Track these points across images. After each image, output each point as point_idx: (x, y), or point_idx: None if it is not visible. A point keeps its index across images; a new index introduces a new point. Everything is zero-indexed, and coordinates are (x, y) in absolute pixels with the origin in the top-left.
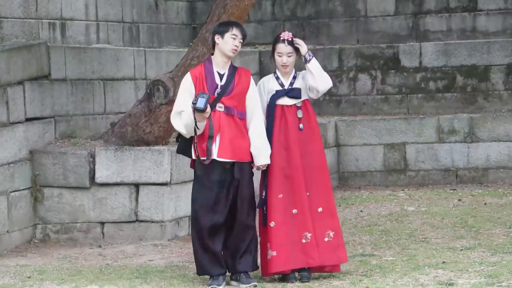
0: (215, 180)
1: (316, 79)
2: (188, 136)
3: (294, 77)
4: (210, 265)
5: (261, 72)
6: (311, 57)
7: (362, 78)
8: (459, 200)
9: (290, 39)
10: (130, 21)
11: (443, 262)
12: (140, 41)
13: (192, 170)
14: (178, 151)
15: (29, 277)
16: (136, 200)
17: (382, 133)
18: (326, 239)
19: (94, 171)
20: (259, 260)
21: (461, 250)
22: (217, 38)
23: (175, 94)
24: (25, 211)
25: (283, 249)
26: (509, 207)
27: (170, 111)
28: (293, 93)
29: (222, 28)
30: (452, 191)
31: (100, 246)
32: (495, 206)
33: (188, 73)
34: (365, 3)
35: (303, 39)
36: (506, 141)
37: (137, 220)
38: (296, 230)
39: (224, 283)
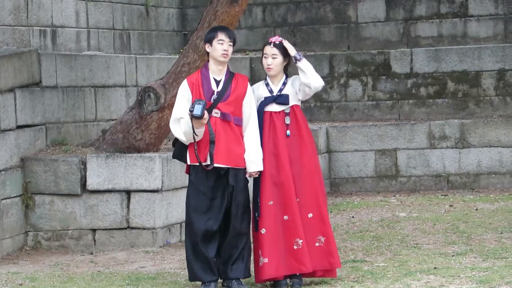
0: (210, 186)
1: (308, 76)
2: (187, 143)
3: (284, 83)
4: (202, 271)
5: (252, 79)
6: (301, 56)
7: (353, 84)
8: (451, 205)
9: (277, 42)
10: (121, 28)
11: (435, 267)
12: (131, 48)
13: (185, 177)
14: (174, 156)
15: (20, 285)
16: (128, 207)
17: (373, 139)
18: (317, 244)
19: (85, 178)
20: (252, 267)
21: (453, 255)
22: (207, 47)
23: (166, 101)
24: (16, 219)
25: (275, 256)
26: (501, 212)
27: (161, 117)
28: (281, 99)
29: (210, 35)
30: (443, 196)
31: (91, 253)
32: (486, 212)
33: (185, 79)
34: (356, 9)
35: (294, 45)
36: (497, 146)
37: (128, 227)
38: (288, 236)
39: None
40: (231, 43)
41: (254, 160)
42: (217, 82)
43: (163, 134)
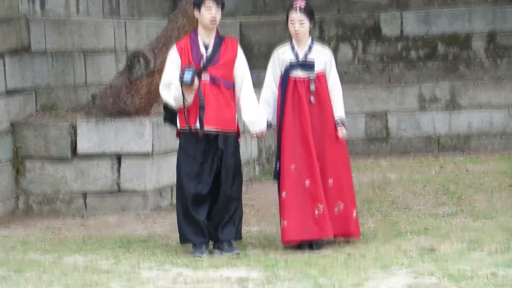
0: (200, 150)
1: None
2: (177, 108)
3: (310, 47)
4: (193, 234)
5: (242, 43)
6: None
7: (343, 48)
8: (441, 167)
9: (302, 6)
10: None
11: (425, 228)
12: (120, 13)
13: (175, 141)
14: (164, 120)
15: (12, 248)
16: (118, 171)
17: (363, 102)
18: (336, 210)
19: (76, 142)
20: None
21: (443, 216)
22: (196, 12)
23: (155, 66)
24: (7, 183)
25: (294, 219)
26: (491, 174)
27: (151, 82)
28: (306, 65)
29: (197, 0)
30: (434, 158)
31: (82, 217)
32: (477, 173)
33: (174, 45)
34: None
35: (283, 9)
36: (487, 108)
37: (119, 191)
38: (309, 201)
39: (207, 251)
40: (219, 9)
41: (254, 120)
42: (206, 46)
43: (153, 98)
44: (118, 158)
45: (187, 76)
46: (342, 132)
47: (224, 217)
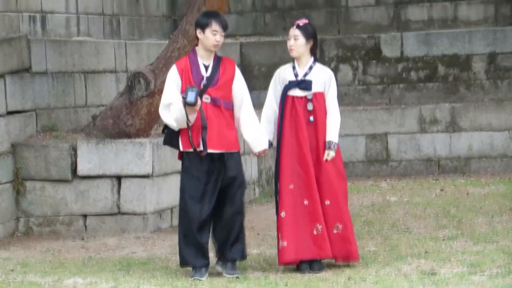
0: (204, 170)
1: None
2: (177, 129)
3: (311, 68)
4: (194, 256)
5: (242, 64)
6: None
7: (344, 69)
8: (442, 190)
9: (301, 24)
10: (110, 14)
11: (426, 252)
12: (120, 34)
13: (175, 162)
14: (164, 143)
15: (12, 270)
16: (118, 192)
17: (364, 123)
18: (334, 231)
19: (76, 164)
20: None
21: (444, 239)
22: (199, 33)
23: (156, 86)
24: (7, 205)
25: (294, 240)
26: (492, 196)
27: (151, 103)
28: (304, 84)
29: (203, 21)
30: (434, 181)
31: (82, 239)
32: (477, 196)
33: (174, 65)
34: None
35: (284, 30)
36: (488, 130)
37: (119, 213)
38: (308, 221)
39: (207, 274)
40: (223, 33)
41: (256, 139)
42: (206, 67)
43: (153, 119)
44: (118, 179)
45: (191, 96)
46: (328, 155)
47: (231, 234)
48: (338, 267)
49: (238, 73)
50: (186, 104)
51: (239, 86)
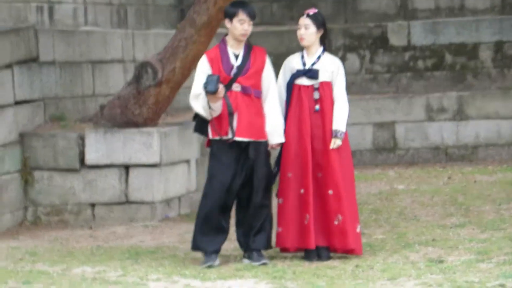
0: (233, 157)
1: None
2: (209, 118)
3: (319, 57)
4: (207, 242)
5: None
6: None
7: (351, 58)
8: (449, 178)
9: (310, 13)
10: (117, 4)
11: (433, 239)
12: (128, 24)
13: (182, 151)
14: (195, 130)
15: (21, 259)
16: (126, 181)
17: (371, 112)
18: (335, 223)
19: (84, 153)
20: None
21: (451, 227)
22: (227, 22)
23: (163, 76)
24: (15, 194)
25: (288, 226)
26: (499, 184)
27: (159, 92)
28: (311, 73)
29: (231, 11)
30: (441, 169)
31: (91, 228)
32: (485, 184)
33: (204, 55)
34: None
35: (291, 19)
36: (495, 118)
37: (127, 202)
38: (301, 210)
39: (218, 261)
40: (251, 22)
41: (274, 131)
42: (236, 56)
43: (160, 108)
44: (126, 168)
45: (211, 85)
46: (334, 143)
47: (255, 226)
48: (346, 256)
49: (268, 63)
50: (207, 93)
51: (268, 76)
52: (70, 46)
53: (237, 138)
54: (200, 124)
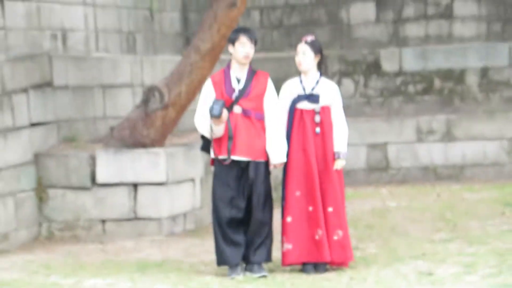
0: (233, 176)
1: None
2: (211, 139)
3: (317, 82)
4: (230, 255)
5: None
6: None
7: (346, 83)
8: (438, 195)
9: (308, 40)
10: (127, 31)
11: (423, 253)
12: (136, 50)
13: (187, 171)
14: (201, 149)
15: (35, 272)
16: (135, 199)
17: (364, 133)
18: (335, 238)
19: (95, 172)
20: (276, 253)
21: (440, 242)
22: (230, 47)
23: (169, 100)
24: (31, 211)
25: (298, 243)
26: (485, 202)
27: (165, 115)
28: (312, 98)
29: (233, 36)
30: (431, 187)
31: (101, 242)
32: (471, 201)
33: (209, 79)
34: (348, 12)
35: (290, 46)
36: (481, 140)
37: (135, 218)
38: (311, 226)
39: (242, 272)
40: (253, 45)
41: (275, 151)
42: (238, 80)
43: (167, 130)
44: (135, 186)
45: (216, 108)
46: (338, 164)
47: (256, 241)
48: (340, 268)
49: (270, 87)
50: (211, 116)
51: (269, 99)
52: (82, 71)
53: (236, 158)
54: (206, 143)
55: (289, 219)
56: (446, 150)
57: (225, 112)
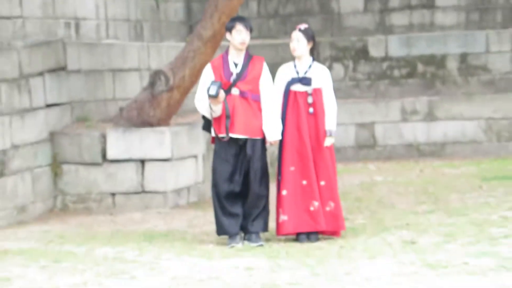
0: (232, 154)
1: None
2: (210, 118)
3: (310, 66)
4: (229, 226)
5: None
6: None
7: (336, 67)
8: (421, 171)
9: (302, 28)
10: (134, 20)
11: (407, 224)
12: (143, 37)
13: (191, 148)
14: (203, 128)
15: (51, 241)
16: (142, 174)
17: (353, 114)
18: (327, 209)
19: (106, 149)
20: (272, 224)
21: (422, 213)
22: (228, 35)
23: (174, 83)
24: (47, 185)
25: (293, 215)
26: (464, 176)
27: (170, 97)
28: (305, 81)
29: (230, 25)
30: (414, 163)
31: (111, 214)
32: (451, 176)
33: (209, 63)
34: (338, 2)
35: (285, 33)
36: (460, 120)
37: (143, 191)
38: (306, 199)
39: (241, 242)
40: (248, 32)
41: (271, 130)
42: (236, 64)
43: (172, 111)
44: (142, 162)
45: (212, 89)
46: (328, 141)
47: (253, 213)
48: (332, 238)
49: (265, 70)
50: (209, 96)
51: (265, 82)
52: (93, 56)
53: (234, 136)
54: (207, 123)
55: (284, 192)
56: (428, 129)
57: (221, 93)
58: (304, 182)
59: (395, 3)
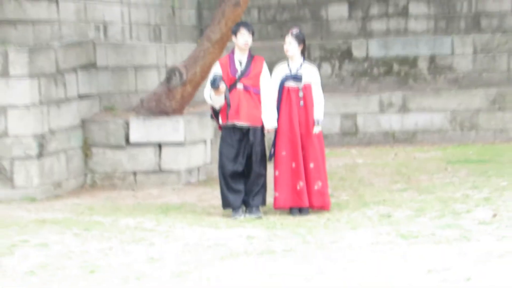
0: (236, 139)
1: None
2: (218, 108)
3: (301, 65)
4: (233, 200)
5: None
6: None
7: (324, 66)
8: (395, 155)
9: (294, 32)
10: (154, 24)
11: (384, 200)
12: (161, 39)
13: (201, 134)
14: (211, 117)
15: (82, 212)
16: (159, 155)
17: (339, 106)
18: (315, 187)
19: (128, 134)
20: (269, 199)
21: (397, 191)
22: (233, 37)
23: (187, 78)
24: (78, 164)
25: (283, 192)
26: (432, 160)
27: (184, 90)
28: (297, 78)
29: (235, 29)
30: (390, 148)
31: (133, 190)
32: (421, 160)
33: (217, 61)
34: (327, 10)
35: (281, 37)
36: (429, 111)
37: (160, 171)
38: (293, 179)
39: (243, 214)
40: (251, 35)
41: (268, 118)
42: (240, 63)
43: (185, 102)
44: (159, 146)
45: (214, 81)
46: (316, 129)
47: (254, 189)
48: (320, 212)
49: (265, 68)
50: (211, 87)
51: (264, 78)
52: (119, 55)
53: (239, 123)
54: (215, 112)
55: (277, 173)
56: (402, 120)
57: (222, 84)
58: (293, 165)
59: (374, 11)
